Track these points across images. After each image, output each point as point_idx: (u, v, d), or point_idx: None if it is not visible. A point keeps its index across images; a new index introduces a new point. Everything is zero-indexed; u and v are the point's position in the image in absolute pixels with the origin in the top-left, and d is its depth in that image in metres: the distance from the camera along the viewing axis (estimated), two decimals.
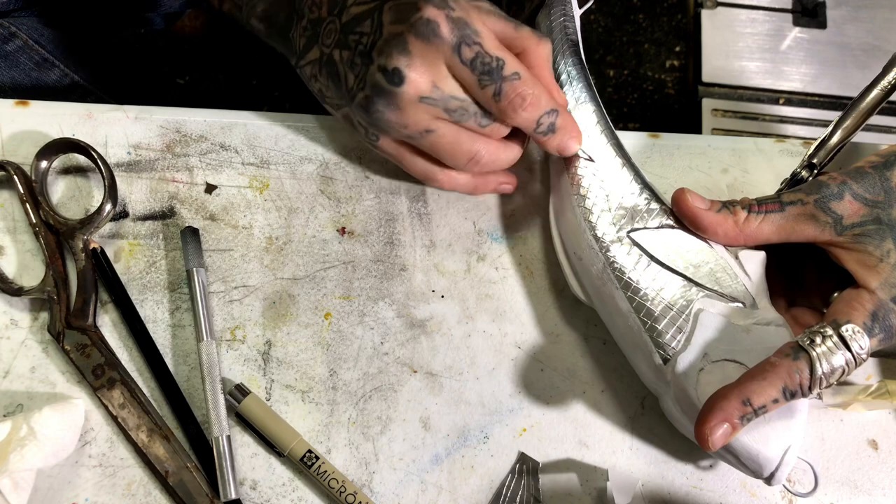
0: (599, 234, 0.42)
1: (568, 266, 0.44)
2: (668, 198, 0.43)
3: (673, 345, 0.39)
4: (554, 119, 0.41)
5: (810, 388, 0.36)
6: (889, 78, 0.45)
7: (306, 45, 0.43)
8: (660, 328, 0.40)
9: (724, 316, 0.40)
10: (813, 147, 0.46)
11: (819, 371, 0.35)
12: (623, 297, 0.41)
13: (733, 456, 0.38)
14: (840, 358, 0.36)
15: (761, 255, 0.42)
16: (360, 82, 0.40)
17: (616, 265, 0.41)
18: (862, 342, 0.36)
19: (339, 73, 0.41)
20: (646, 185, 0.43)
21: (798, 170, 0.45)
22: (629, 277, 0.41)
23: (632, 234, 0.42)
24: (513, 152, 0.43)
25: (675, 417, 0.41)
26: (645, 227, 0.42)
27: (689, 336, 0.39)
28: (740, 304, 0.40)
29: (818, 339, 0.36)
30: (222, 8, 0.48)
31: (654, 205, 0.42)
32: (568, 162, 0.44)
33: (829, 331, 0.36)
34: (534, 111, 0.40)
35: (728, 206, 0.41)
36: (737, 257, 0.42)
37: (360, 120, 0.42)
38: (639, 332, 0.40)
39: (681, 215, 0.42)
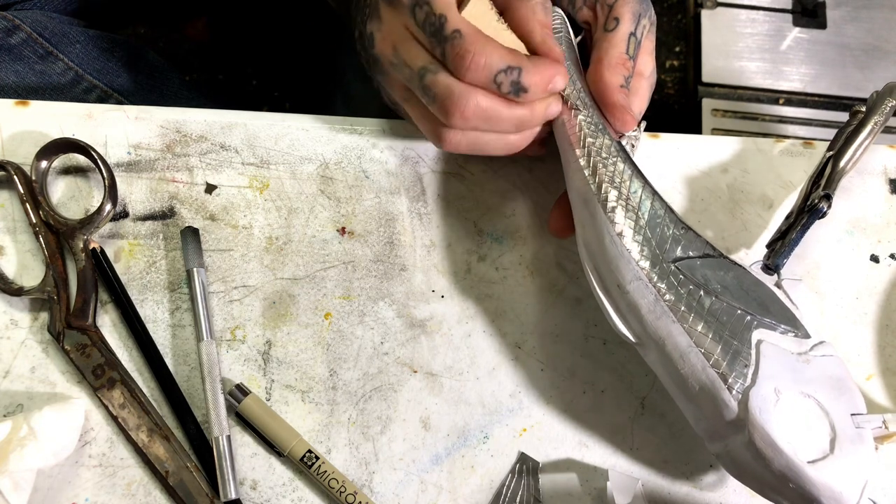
0: (645, 265, 0.39)
1: (608, 301, 0.40)
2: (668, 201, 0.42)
3: (741, 380, 0.37)
4: (516, 77, 0.37)
5: None
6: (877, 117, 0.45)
7: (354, 24, 0.44)
8: (726, 362, 0.37)
9: (782, 346, 0.38)
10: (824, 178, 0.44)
11: None
12: (682, 332, 0.38)
13: (813, 499, 0.36)
14: None
15: (802, 283, 0.40)
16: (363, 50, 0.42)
17: (668, 297, 0.38)
18: None
19: (364, 46, 0.43)
20: (672, 210, 0.41)
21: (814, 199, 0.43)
22: (685, 309, 0.38)
23: (678, 264, 0.39)
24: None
25: (748, 466, 0.38)
26: (688, 257, 0.39)
27: (755, 369, 0.37)
28: (793, 333, 0.39)
29: None
30: None
31: (690, 232, 0.40)
32: (594, 192, 0.40)
33: None
34: (478, 69, 0.37)
35: None
36: (780, 286, 0.41)
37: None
38: (703, 369, 0.37)
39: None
